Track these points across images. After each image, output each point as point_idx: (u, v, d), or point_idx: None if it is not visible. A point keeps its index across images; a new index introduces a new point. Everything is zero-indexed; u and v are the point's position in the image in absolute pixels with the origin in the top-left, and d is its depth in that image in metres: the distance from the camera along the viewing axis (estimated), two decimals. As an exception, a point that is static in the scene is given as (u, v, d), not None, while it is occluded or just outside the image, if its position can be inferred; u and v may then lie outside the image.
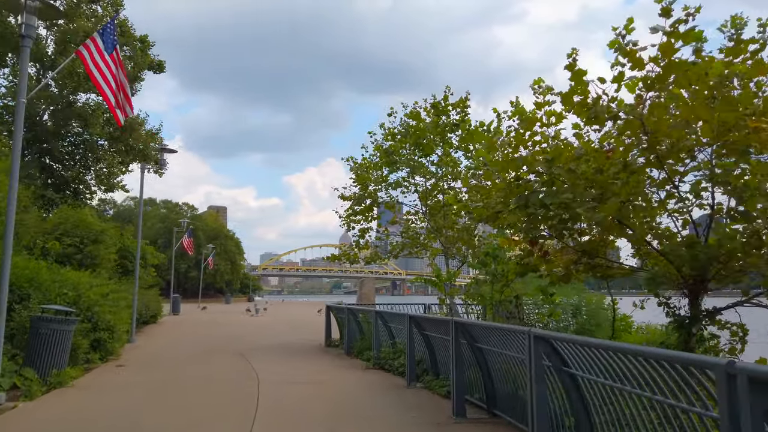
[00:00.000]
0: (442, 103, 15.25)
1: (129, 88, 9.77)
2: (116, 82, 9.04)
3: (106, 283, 13.99)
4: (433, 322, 8.74)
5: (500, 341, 6.22)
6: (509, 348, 5.89)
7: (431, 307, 18.28)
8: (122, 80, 9.34)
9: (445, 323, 7.76)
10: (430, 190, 15.80)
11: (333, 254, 16.56)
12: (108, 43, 9.16)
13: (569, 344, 4.52)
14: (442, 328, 8.05)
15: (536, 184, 6.85)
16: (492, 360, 6.80)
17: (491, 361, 6.85)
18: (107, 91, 8.86)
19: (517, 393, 6.02)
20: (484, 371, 7.11)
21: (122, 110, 9.33)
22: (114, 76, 9.00)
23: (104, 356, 12.52)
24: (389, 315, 11.66)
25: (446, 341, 8.21)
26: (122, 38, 30.60)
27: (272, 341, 18.29)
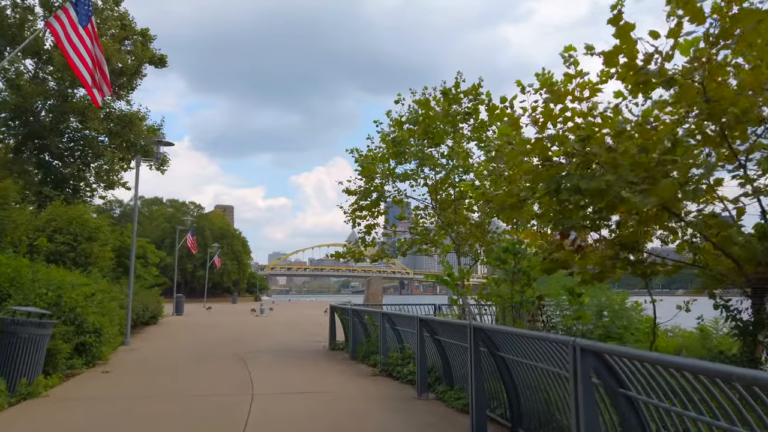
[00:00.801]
0: (453, 91, 14.25)
1: (106, 65, 8.87)
2: (92, 59, 8.12)
3: (92, 282, 13.08)
4: (447, 327, 7.74)
5: (530, 351, 5.22)
6: (543, 360, 4.89)
7: (441, 308, 17.28)
8: (98, 56, 8.42)
9: (461, 328, 6.77)
10: (440, 183, 14.79)
11: (338, 252, 15.57)
12: (82, 15, 8.23)
13: (629, 360, 3.51)
14: (459, 333, 7.05)
15: (568, 167, 5.84)
16: (519, 372, 5.80)
17: (517, 374, 5.85)
18: (82, 70, 7.95)
19: (551, 413, 5.02)
20: (508, 384, 6.11)
21: (99, 90, 8.41)
22: (89, 52, 8.08)
23: (90, 361, 11.63)
24: (397, 317, 10.67)
25: (463, 348, 7.21)
26: (123, 32, 29.86)
27: (274, 343, 17.36)
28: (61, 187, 26.68)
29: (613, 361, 3.71)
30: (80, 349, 11.48)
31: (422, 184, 15.27)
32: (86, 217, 18.76)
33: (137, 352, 14.95)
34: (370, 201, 14.93)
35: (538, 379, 5.33)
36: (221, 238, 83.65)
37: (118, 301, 15.93)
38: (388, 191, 14.72)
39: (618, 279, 7.07)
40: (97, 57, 8.23)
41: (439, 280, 11.77)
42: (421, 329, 8.51)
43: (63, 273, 12.11)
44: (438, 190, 14.67)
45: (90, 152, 28.75)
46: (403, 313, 11.32)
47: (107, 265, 19.45)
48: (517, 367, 5.82)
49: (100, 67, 8.30)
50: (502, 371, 6.14)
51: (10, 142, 26.55)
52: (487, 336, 6.15)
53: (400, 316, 10.52)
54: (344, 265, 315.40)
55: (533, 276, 8.72)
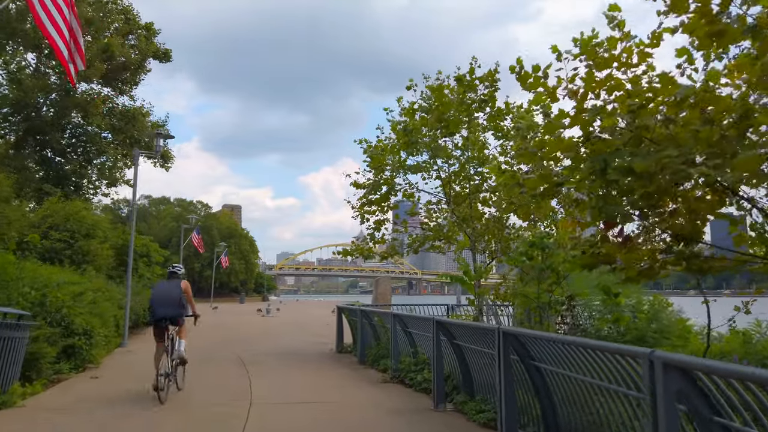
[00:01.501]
0: (468, 77, 13.34)
1: (81, 36, 8.04)
2: (68, 29, 7.32)
3: (85, 280, 12.30)
4: (468, 331, 6.84)
5: (577, 362, 4.33)
6: (596, 373, 3.99)
7: (454, 309, 16.39)
8: (75, 27, 7.60)
9: (487, 333, 5.88)
10: (454, 175, 13.89)
11: (346, 249, 14.70)
12: (59, -21, 7.41)
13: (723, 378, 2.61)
14: (483, 338, 6.16)
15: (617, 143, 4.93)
16: (559, 386, 4.90)
17: (557, 388, 4.95)
18: (58, 41, 7.15)
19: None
20: (543, 398, 5.22)
21: (74, 64, 7.60)
22: (66, 22, 7.28)
23: (80, 365, 10.84)
24: (410, 319, 9.78)
25: (487, 355, 6.32)
26: (126, 25, 29.18)
27: (279, 345, 16.53)
28: (62, 184, 26.01)
29: (706, 380, 2.81)
30: (69, 353, 10.70)
31: (435, 177, 14.39)
32: (84, 214, 18.04)
33: (133, 354, 14.15)
34: (380, 195, 14.05)
35: (584, 396, 4.44)
36: (229, 238, 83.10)
37: (115, 300, 15.16)
38: (398, 184, 13.85)
39: (666, 275, 6.13)
40: (72, 27, 7.42)
41: (455, 279, 10.90)
42: (437, 333, 7.62)
43: (51, 271, 11.34)
44: (451, 183, 13.77)
45: (92, 148, 28.09)
46: (417, 315, 10.42)
47: (106, 263, 18.71)
48: (556, 380, 4.93)
49: (75, 38, 7.50)
50: (536, 383, 5.24)
51: (10, 138, 25.94)
52: (519, 343, 5.26)
53: (414, 318, 9.63)
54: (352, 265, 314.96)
55: (562, 274, 7.82)
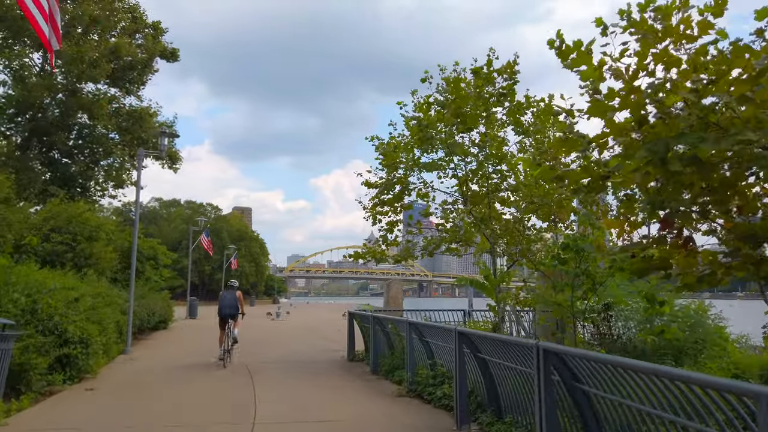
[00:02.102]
0: (486, 69, 12.58)
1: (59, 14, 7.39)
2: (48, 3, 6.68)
3: (85, 285, 11.67)
4: (498, 345, 6.07)
5: (640, 390, 3.55)
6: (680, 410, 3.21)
7: (472, 315, 15.60)
8: (53, 4, 6.95)
9: (523, 350, 5.11)
10: (471, 174, 13.11)
11: (357, 252, 13.95)
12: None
13: None
14: (516, 354, 5.39)
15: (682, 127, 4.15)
16: (611, 415, 4.12)
17: (608, 416, 4.17)
18: (39, 19, 6.51)
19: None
20: (589, 423, 4.44)
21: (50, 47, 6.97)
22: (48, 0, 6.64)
23: (75, 376, 10.19)
24: (428, 328, 9.01)
25: (519, 373, 5.55)
26: (134, 24, 28.70)
27: (288, 352, 15.83)
28: (68, 186, 25.54)
29: None
30: (64, 363, 10.05)
31: (450, 176, 13.62)
32: (87, 216, 17.46)
33: (135, 362, 13.52)
34: (393, 194, 13.30)
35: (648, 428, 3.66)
36: (239, 240, 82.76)
37: (118, 305, 14.54)
38: (412, 183, 13.08)
39: (726, 283, 5.34)
40: (50, 4, 6.78)
41: (475, 284, 10.13)
42: (460, 345, 6.86)
43: (46, 275, 10.69)
44: (468, 182, 12.99)
45: (98, 149, 27.61)
46: (436, 324, 9.61)
47: (110, 266, 18.12)
48: (608, 408, 4.15)
49: (52, 16, 6.87)
50: (582, 410, 4.47)
51: (16, 139, 25.50)
52: (562, 362, 4.49)
53: (432, 327, 8.85)
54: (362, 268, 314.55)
55: (599, 279, 7.03)
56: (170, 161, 30.95)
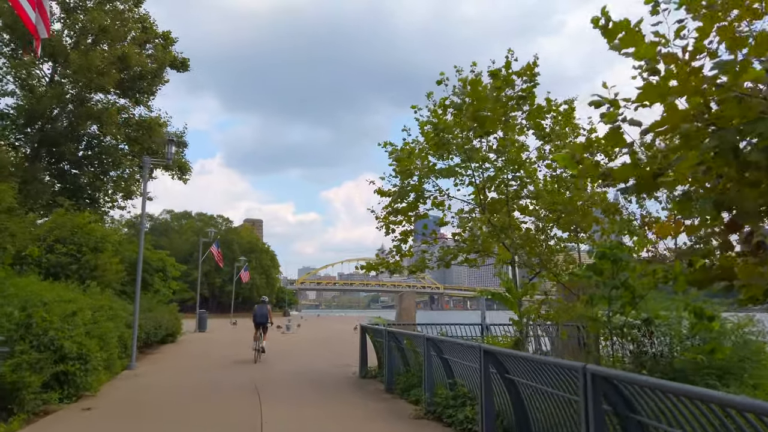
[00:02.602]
0: (504, 72, 12.01)
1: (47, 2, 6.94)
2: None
3: (78, 297, 11.15)
4: (532, 366, 5.40)
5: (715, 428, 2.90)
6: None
7: (490, 329, 14.88)
8: (40, -8, 6.50)
9: (565, 373, 4.46)
10: (489, 181, 12.50)
11: (369, 263, 13.35)
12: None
13: None
14: (558, 379, 4.73)
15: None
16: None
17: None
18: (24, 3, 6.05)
19: None
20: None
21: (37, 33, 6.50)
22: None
23: (74, 394, 9.64)
24: (447, 345, 8.35)
25: (558, 399, 4.90)
26: (144, 34, 28.54)
27: (298, 368, 15.20)
28: (76, 197, 25.25)
29: None
30: (61, 380, 9.52)
31: (467, 183, 13.01)
32: (92, 227, 17.04)
33: (139, 379, 12.95)
34: (407, 203, 12.71)
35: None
36: (249, 252, 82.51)
37: (122, 319, 14.03)
38: (428, 191, 12.46)
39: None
40: (38, -7, 6.36)
41: (497, 297, 9.48)
42: (486, 365, 6.21)
43: (43, 287, 10.20)
44: (486, 189, 12.37)
45: (107, 160, 27.35)
46: (457, 340, 8.90)
47: (116, 278, 17.65)
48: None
49: (41, 5, 6.44)
50: (638, 445, 3.81)
51: (25, 150, 25.28)
52: (614, 389, 3.84)
53: (452, 343, 8.19)
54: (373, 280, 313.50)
55: (639, 292, 6.36)
56: (180, 172, 30.66)
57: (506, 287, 9.20)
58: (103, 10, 25.88)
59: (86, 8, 25.94)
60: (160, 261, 27.21)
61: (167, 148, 16.14)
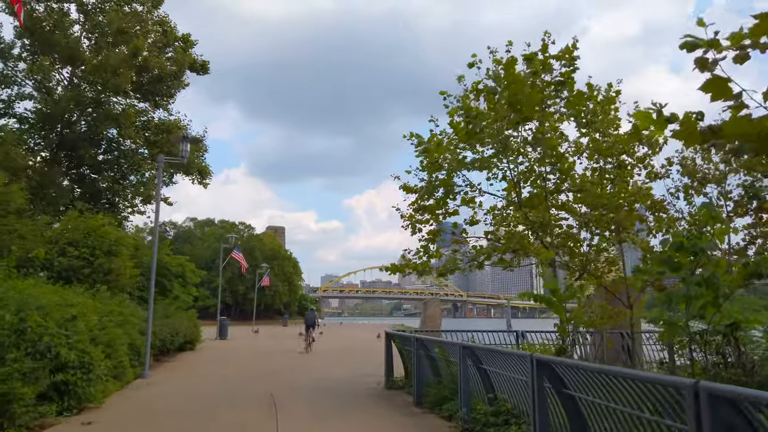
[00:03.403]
0: (540, 55, 10.99)
1: None
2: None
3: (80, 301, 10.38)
4: (605, 381, 4.35)
5: None
6: None
7: (526, 336, 13.79)
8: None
9: (669, 392, 3.42)
10: (529, 172, 11.47)
11: (394, 265, 12.39)
12: None
13: None
14: (654, 401, 3.69)
15: None
16: None
17: None
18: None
19: None
20: None
21: None
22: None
23: (74, 406, 8.84)
24: (487, 354, 7.33)
25: (648, 424, 3.85)
26: (164, 37, 28.20)
27: (319, 379, 14.27)
28: (95, 201, 24.84)
29: None
30: (62, 390, 8.74)
31: (501, 177, 11.98)
32: (106, 229, 16.41)
33: (151, 388, 12.16)
34: (435, 199, 11.73)
35: None
36: (272, 260, 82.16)
37: (134, 325, 13.29)
38: (458, 186, 11.46)
39: None
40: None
41: (541, 300, 8.43)
42: (539, 378, 5.19)
43: (45, 290, 9.47)
44: (521, 183, 11.33)
45: (126, 164, 26.95)
46: (500, 349, 7.80)
47: (130, 282, 16.99)
48: None
49: None
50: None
51: (45, 155, 25.00)
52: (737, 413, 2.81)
53: (495, 352, 7.16)
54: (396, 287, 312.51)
55: (723, 291, 5.28)
56: (200, 176, 30.16)
57: (551, 288, 8.16)
58: (122, 12, 25.58)
59: (104, 10, 25.62)
60: (179, 267, 26.60)
61: (182, 145, 15.44)
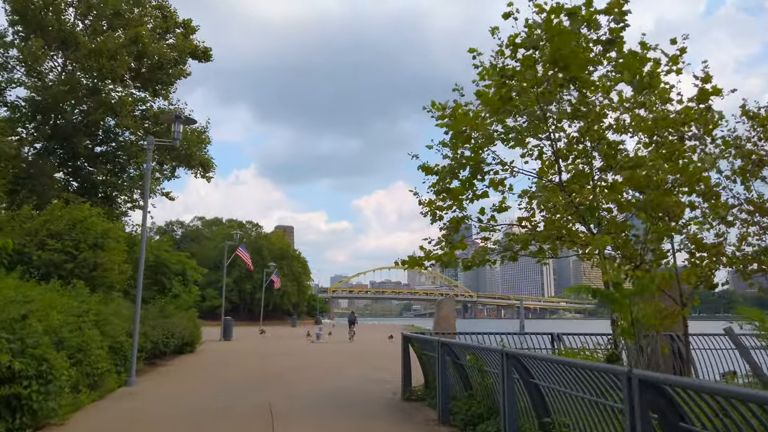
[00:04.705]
0: (584, 9, 9.31)
1: None
2: None
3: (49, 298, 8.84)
4: None
5: None
6: None
7: (562, 338, 12.08)
8: None
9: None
10: (567, 149, 9.80)
11: (412, 256, 10.74)
12: None
13: None
14: None
15: None
16: None
17: None
18: None
19: None
20: None
21: None
22: None
23: (28, 425, 7.29)
24: (539, 364, 5.65)
25: None
26: (164, 23, 26.76)
27: (326, 385, 12.68)
28: (90, 194, 23.37)
29: None
30: (13, 405, 7.19)
31: (536, 155, 10.28)
32: (93, 221, 14.88)
33: (134, 399, 10.60)
34: (461, 180, 10.06)
35: None
36: (280, 259, 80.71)
37: (115, 326, 11.73)
38: (488, 163, 9.76)
39: None
40: None
41: (602, 295, 6.75)
42: (643, 408, 3.52)
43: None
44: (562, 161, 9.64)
45: (124, 156, 25.47)
46: (564, 359, 5.94)
47: (119, 279, 15.46)
48: None
49: None
50: None
51: (36, 145, 23.59)
52: None
53: (550, 362, 5.48)
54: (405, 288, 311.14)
55: None
56: (203, 169, 28.73)
57: (613, 281, 6.48)
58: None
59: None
60: (180, 264, 25.13)
61: (174, 126, 13.89)
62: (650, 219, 8.94)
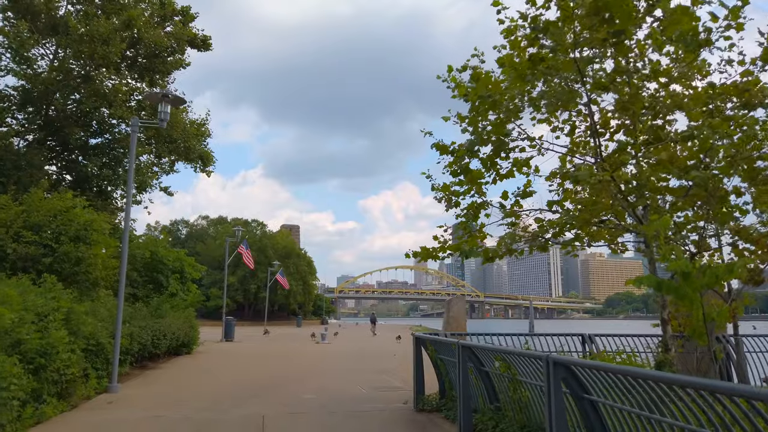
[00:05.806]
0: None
1: None
2: None
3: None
4: None
5: None
6: None
7: (595, 340, 10.71)
8: None
9: None
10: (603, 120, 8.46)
11: (424, 247, 9.43)
12: None
13: None
14: None
15: None
16: None
17: None
18: None
19: None
20: None
21: None
22: None
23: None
24: (596, 373, 4.33)
25: None
26: (161, 10, 25.60)
27: (328, 392, 11.39)
28: (82, 188, 22.18)
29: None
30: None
31: (567, 132, 8.94)
32: (76, 212, 13.64)
33: (111, 410, 9.34)
34: (482, 160, 8.75)
35: None
36: (286, 258, 79.48)
37: (91, 325, 10.48)
38: (515, 141, 8.41)
39: None
40: None
41: (668, 289, 5.43)
42: None
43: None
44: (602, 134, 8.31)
45: (119, 149, 24.28)
46: (637, 370, 4.55)
47: (105, 275, 14.22)
48: None
49: None
50: None
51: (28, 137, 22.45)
52: None
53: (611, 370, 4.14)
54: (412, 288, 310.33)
55: None
56: (202, 163, 27.52)
57: (681, 270, 5.16)
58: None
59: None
60: (177, 261, 23.88)
61: (161, 106, 12.64)
62: (711, 200, 7.58)
